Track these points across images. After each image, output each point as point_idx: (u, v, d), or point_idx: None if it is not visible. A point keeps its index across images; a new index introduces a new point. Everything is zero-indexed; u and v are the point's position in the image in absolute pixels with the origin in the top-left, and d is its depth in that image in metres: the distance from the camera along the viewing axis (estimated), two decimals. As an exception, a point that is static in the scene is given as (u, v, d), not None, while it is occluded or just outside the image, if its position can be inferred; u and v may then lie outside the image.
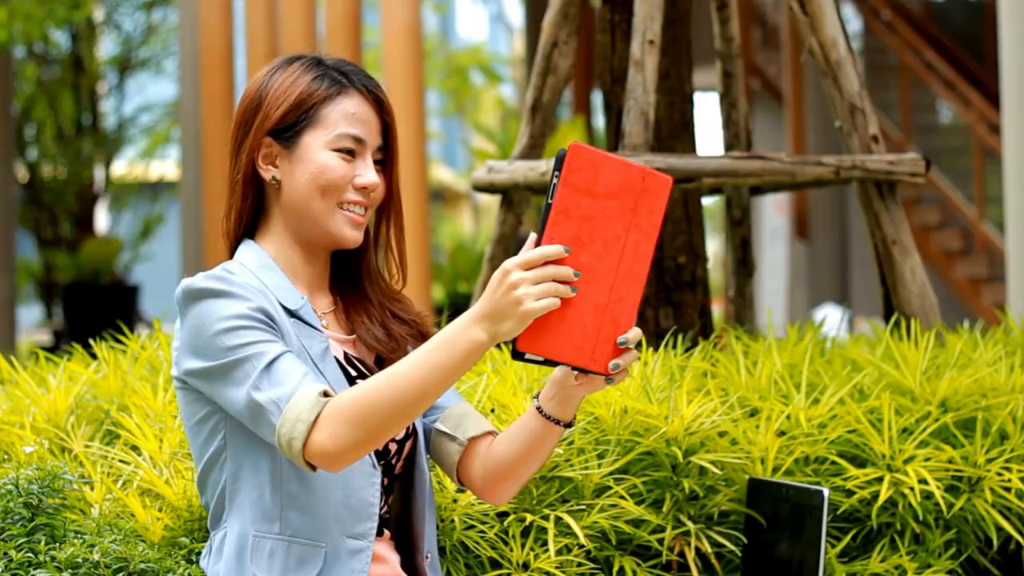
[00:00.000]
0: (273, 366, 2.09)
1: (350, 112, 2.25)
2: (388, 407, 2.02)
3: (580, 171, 2.00)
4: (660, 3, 3.53)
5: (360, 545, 2.18)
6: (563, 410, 2.17)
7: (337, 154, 2.24)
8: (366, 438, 2.04)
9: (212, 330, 2.12)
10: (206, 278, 2.16)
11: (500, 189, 3.77)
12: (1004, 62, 5.77)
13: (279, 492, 2.16)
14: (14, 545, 2.33)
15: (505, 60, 25.83)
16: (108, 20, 15.60)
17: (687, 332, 3.66)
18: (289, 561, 2.15)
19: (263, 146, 2.26)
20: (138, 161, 16.81)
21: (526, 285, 1.97)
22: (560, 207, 1.99)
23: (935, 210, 12.00)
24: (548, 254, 1.98)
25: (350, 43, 9.16)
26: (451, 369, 2.01)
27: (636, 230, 2.03)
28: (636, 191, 2.02)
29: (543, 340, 2.00)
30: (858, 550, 2.82)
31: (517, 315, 1.97)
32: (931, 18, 14.08)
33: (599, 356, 2.03)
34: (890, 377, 3.05)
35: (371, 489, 2.21)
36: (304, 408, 2.05)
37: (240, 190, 2.28)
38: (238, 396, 2.10)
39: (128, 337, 3.29)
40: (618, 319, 2.03)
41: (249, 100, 2.27)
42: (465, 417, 2.32)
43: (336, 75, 2.27)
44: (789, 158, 3.58)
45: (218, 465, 2.21)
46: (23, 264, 14.76)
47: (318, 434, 2.03)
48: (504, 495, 2.28)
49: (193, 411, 2.21)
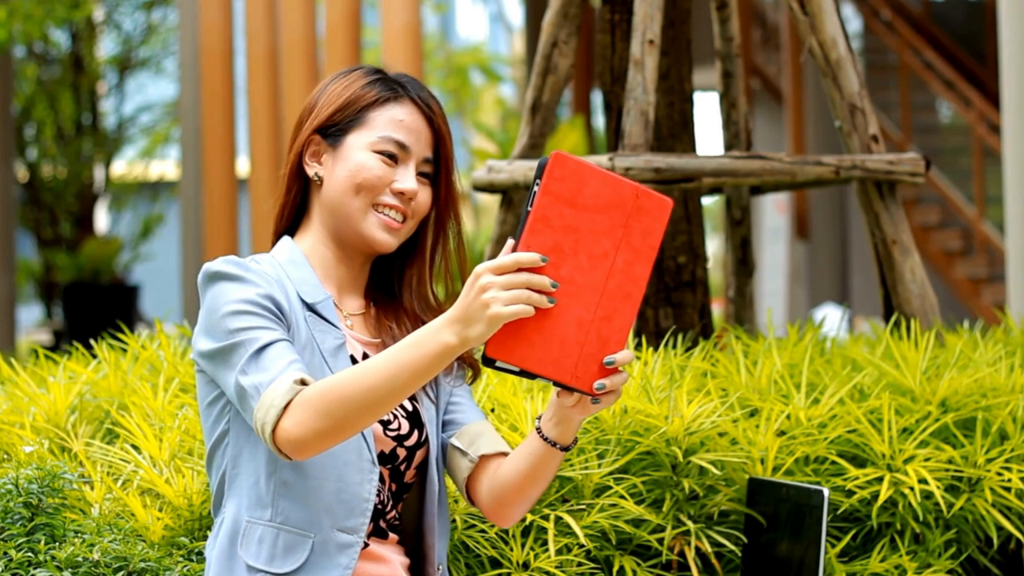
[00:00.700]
0: (263, 352, 2.12)
1: (398, 119, 2.28)
2: (355, 401, 2.03)
3: (562, 180, 1.97)
4: (660, 3, 3.53)
5: (350, 540, 2.19)
6: (561, 432, 2.16)
7: (378, 156, 2.26)
8: (331, 429, 2.05)
9: (220, 312, 2.16)
10: (225, 262, 2.20)
11: (500, 189, 3.77)
12: (1004, 62, 5.77)
13: (273, 479, 2.17)
14: (14, 545, 2.33)
15: (505, 60, 25.83)
16: (108, 20, 15.60)
17: (687, 332, 3.66)
18: (276, 549, 2.16)
19: (311, 143, 2.30)
20: (138, 161, 16.82)
21: (495, 289, 1.96)
22: (539, 215, 1.97)
23: (935, 210, 12.01)
24: (521, 261, 1.96)
25: (350, 43, 9.16)
26: (420, 369, 2.01)
27: (628, 249, 1.99)
28: (628, 208, 1.99)
29: (515, 348, 1.97)
30: (858, 550, 2.82)
31: (485, 319, 1.96)
32: (931, 18, 14.08)
33: (581, 373, 2.00)
34: (890, 377, 3.05)
35: (367, 485, 2.21)
36: (278, 395, 2.07)
37: (285, 184, 2.33)
38: (230, 379, 2.13)
39: (128, 337, 3.30)
40: (605, 337, 2.00)
41: (308, 102, 2.33)
42: (480, 435, 2.32)
43: (392, 83, 2.31)
44: (789, 158, 3.58)
45: (221, 448, 2.23)
46: (23, 264, 14.76)
47: (286, 420, 2.05)
48: (510, 517, 2.28)
49: (205, 393, 2.24)
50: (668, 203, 2.01)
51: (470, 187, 3.84)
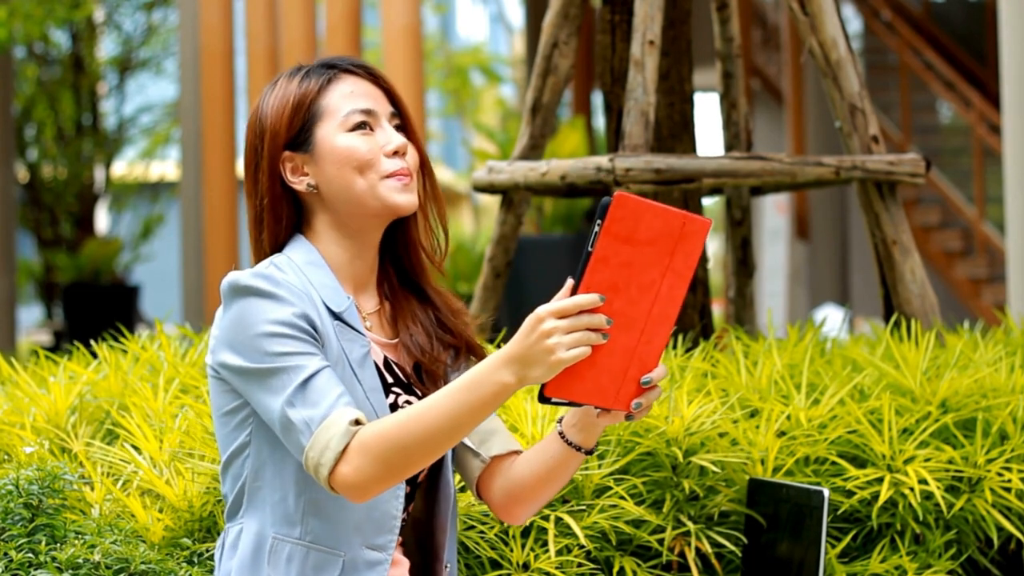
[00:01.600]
0: (310, 383, 2.09)
1: (348, 92, 2.26)
2: (413, 445, 2.02)
3: (622, 220, 1.95)
4: (660, 3, 3.53)
5: (379, 557, 2.18)
6: (585, 437, 2.17)
7: (355, 133, 2.24)
8: (390, 475, 2.05)
9: (254, 331, 2.12)
10: (254, 276, 2.15)
11: (500, 189, 3.77)
12: (1004, 62, 5.77)
13: (303, 497, 2.16)
14: (15, 546, 2.33)
15: (505, 60, 25.83)
16: (108, 20, 15.60)
17: (687, 332, 3.66)
18: (306, 567, 2.15)
19: (285, 161, 2.25)
20: (138, 161, 16.81)
21: (559, 335, 1.94)
22: (600, 256, 1.95)
23: (935, 210, 12.01)
24: (583, 303, 1.95)
25: (350, 43, 9.15)
26: (477, 410, 2.00)
27: (672, 274, 1.99)
28: (675, 236, 1.99)
29: (571, 386, 1.98)
30: (858, 550, 2.82)
31: (548, 363, 1.95)
32: (931, 18, 14.08)
33: (623, 396, 2.02)
34: (890, 377, 3.05)
35: (395, 502, 2.20)
36: (334, 436, 2.05)
37: (270, 213, 2.26)
38: (273, 405, 2.10)
39: (128, 337, 3.30)
40: (645, 360, 2.01)
41: (251, 130, 2.28)
42: (492, 434, 2.31)
43: (321, 69, 2.28)
44: (789, 158, 3.58)
45: (240, 459, 2.20)
46: (23, 264, 14.76)
47: (344, 466, 2.04)
48: (521, 515, 2.28)
49: (223, 402, 2.21)
50: (708, 224, 2.01)
51: (470, 187, 3.84)
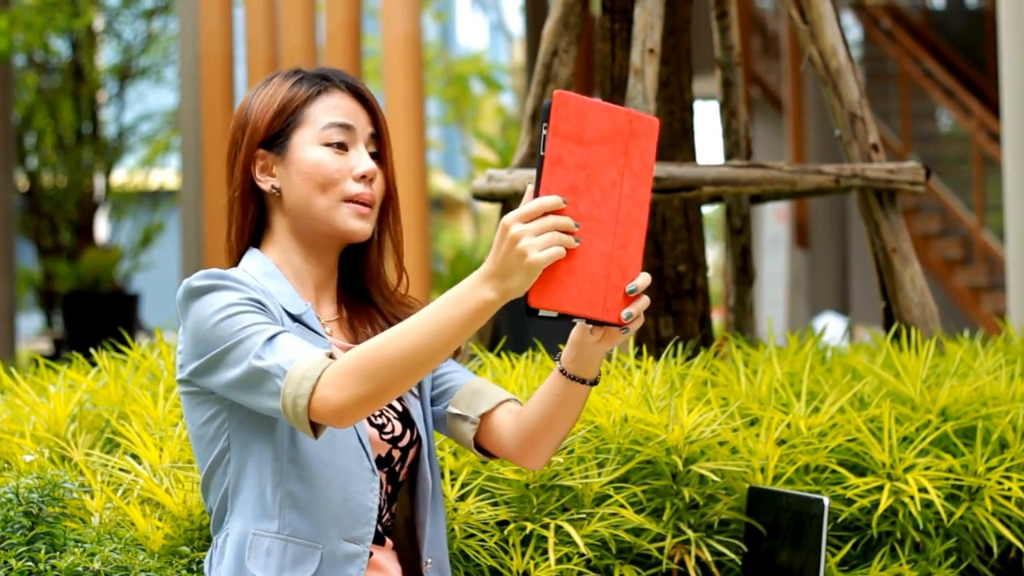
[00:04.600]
0: (274, 339, 2.10)
1: (333, 106, 2.28)
2: (396, 363, 2.01)
3: (567, 119, 1.98)
4: (660, 12, 3.53)
5: (357, 549, 2.19)
6: (586, 369, 2.17)
7: (328, 149, 2.26)
8: (372, 393, 2.02)
9: (210, 322, 2.13)
10: (203, 276, 2.17)
11: (500, 198, 3.77)
12: (1004, 70, 5.78)
13: (279, 490, 2.17)
14: (14, 554, 2.33)
15: (505, 69, 25.84)
16: (108, 29, 15.61)
17: (687, 341, 3.66)
18: (285, 560, 2.16)
19: (257, 158, 2.29)
20: (138, 170, 16.81)
21: (528, 237, 1.94)
22: (553, 157, 1.97)
23: (935, 218, 12.01)
24: (546, 205, 1.96)
25: (350, 51, 9.16)
26: (460, 327, 1.99)
27: (630, 174, 2.02)
28: (625, 135, 2.01)
29: (554, 293, 1.98)
30: (858, 559, 2.82)
31: (523, 268, 1.94)
32: (931, 26, 14.09)
33: (610, 306, 2.01)
34: (890, 386, 3.05)
35: (370, 494, 2.21)
36: (309, 367, 2.04)
37: (239, 206, 2.30)
38: (238, 371, 2.10)
39: (128, 346, 3.29)
40: (624, 266, 2.02)
41: (236, 120, 2.31)
42: (476, 394, 2.33)
43: (315, 78, 2.31)
44: (789, 167, 3.59)
45: (221, 468, 2.21)
46: (23, 273, 14.75)
47: (324, 389, 2.03)
48: (539, 458, 2.28)
49: (197, 416, 2.22)
50: (656, 122, 2.04)
51: (470, 196, 3.85)
